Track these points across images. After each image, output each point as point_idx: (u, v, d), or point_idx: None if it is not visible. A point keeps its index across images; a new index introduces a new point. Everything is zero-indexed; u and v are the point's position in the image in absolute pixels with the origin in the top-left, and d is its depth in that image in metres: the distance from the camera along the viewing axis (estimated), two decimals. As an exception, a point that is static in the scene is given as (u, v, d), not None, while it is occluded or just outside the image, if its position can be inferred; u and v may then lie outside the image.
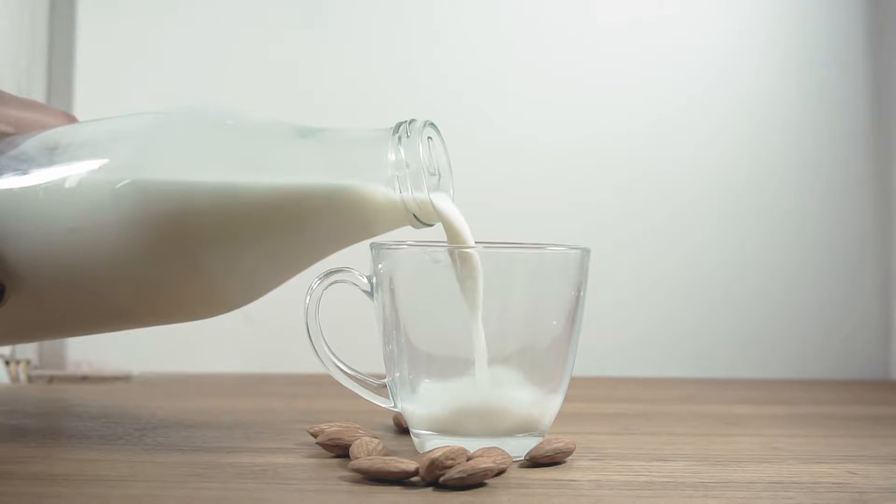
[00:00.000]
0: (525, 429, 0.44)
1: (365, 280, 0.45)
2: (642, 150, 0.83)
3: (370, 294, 0.45)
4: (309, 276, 0.46)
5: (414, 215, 0.43)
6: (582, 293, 0.44)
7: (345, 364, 0.46)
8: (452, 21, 0.83)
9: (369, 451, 0.42)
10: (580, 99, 0.82)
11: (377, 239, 0.45)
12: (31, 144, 0.45)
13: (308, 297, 0.46)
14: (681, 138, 0.83)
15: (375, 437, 0.44)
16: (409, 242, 0.44)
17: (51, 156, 0.44)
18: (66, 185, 0.43)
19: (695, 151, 0.83)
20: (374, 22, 0.82)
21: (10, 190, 0.44)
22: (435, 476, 0.39)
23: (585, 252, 0.45)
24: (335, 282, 0.46)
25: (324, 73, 0.81)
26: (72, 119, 0.50)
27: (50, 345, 0.78)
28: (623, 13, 0.83)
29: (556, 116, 0.82)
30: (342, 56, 0.81)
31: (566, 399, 0.45)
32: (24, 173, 0.44)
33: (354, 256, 0.47)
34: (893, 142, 0.84)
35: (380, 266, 0.44)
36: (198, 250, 0.43)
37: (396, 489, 0.38)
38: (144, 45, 0.80)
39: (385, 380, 0.46)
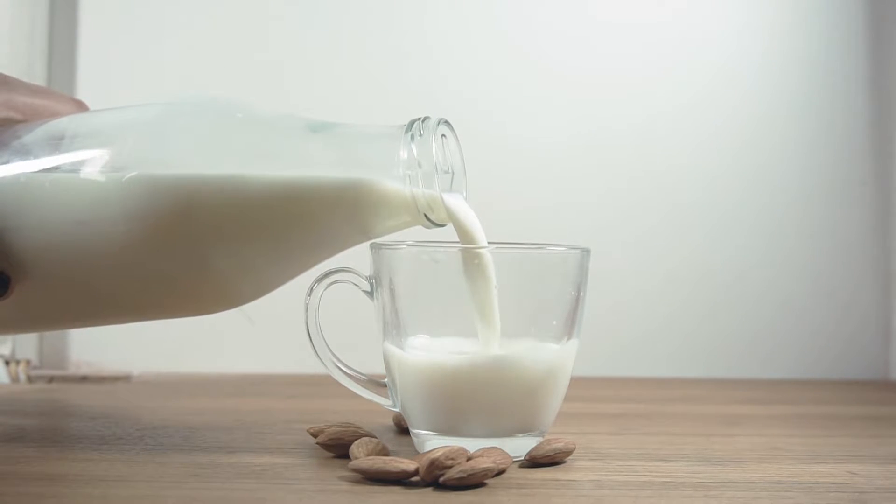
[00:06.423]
0: (525, 429, 0.44)
1: (365, 280, 0.45)
2: (643, 150, 0.83)
3: (370, 294, 0.45)
4: (309, 277, 0.46)
5: (425, 215, 0.43)
6: (582, 293, 0.44)
7: (345, 364, 0.46)
8: (452, 20, 0.83)
9: (369, 450, 0.42)
10: (580, 98, 0.82)
11: (377, 238, 0.45)
12: (37, 134, 0.45)
13: (308, 297, 0.46)
14: (680, 138, 0.83)
15: (375, 437, 0.44)
16: (408, 242, 0.44)
17: (57, 146, 0.44)
18: (73, 176, 0.42)
19: (695, 151, 0.83)
20: (373, 21, 0.82)
21: (17, 180, 0.43)
22: (435, 476, 0.39)
23: (585, 252, 0.45)
24: (335, 282, 0.46)
25: (323, 73, 0.81)
26: (81, 105, 0.49)
27: (50, 345, 0.78)
28: (623, 11, 0.83)
29: (556, 116, 0.82)
30: (341, 55, 0.81)
31: (566, 399, 0.45)
32: (31, 164, 0.44)
33: (354, 256, 0.47)
34: (894, 141, 0.83)
35: (380, 266, 0.44)
36: (205, 244, 0.42)
37: (396, 489, 0.38)
38: (144, 45, 0.80)
39: (385, 380, 0.46)
